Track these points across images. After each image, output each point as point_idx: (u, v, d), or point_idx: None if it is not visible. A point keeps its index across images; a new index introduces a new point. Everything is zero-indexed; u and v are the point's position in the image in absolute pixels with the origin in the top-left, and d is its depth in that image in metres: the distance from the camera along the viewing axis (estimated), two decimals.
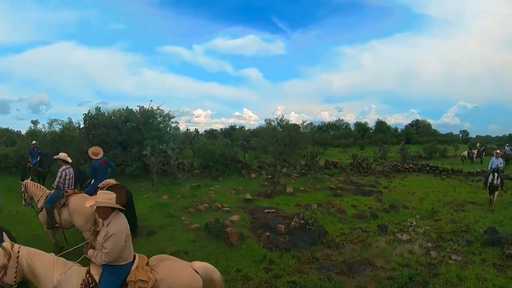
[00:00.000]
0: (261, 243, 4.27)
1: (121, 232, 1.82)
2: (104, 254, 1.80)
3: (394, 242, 4.51)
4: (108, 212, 1.90)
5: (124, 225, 1.89)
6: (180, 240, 4.32)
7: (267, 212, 5.47)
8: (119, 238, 1.80)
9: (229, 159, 8.93)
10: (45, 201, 3.89)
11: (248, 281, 3.22)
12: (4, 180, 9.34)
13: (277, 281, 3.25)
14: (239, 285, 3.13)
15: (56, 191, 3.93)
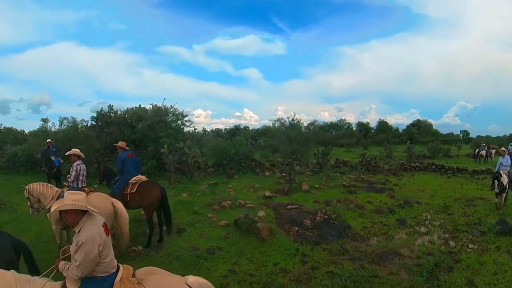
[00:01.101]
0: (291, 238, 4.58)
1: (92, 239, 1.56)
2: (75, 267, 1.56)
3: (414, 234, 4.91)
4: (78, 217, 1.62)
5: (96, 230, 1.61)
6: (211, 236, 4.56)
7: (290, 208, 5.79)
8: (90, 247, 1.54)
9: (243, 157, 9.20)
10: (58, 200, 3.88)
11: (287, 274, 3.49)
12: (14, 179, 9.28)
13: (315, 272, 3.55)
14: (280, 278, 3.37)
15: (71, 189, 3.76)
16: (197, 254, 3.88)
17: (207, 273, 3.39)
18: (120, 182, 4.29)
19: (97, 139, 8.22)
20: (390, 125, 28.32)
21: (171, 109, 8.80)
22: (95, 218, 1.70)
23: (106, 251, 1.65)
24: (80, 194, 1.68)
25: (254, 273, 3.46)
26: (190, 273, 3.30)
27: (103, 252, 1.62)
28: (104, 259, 1.63)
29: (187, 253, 3.90)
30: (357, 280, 3.30)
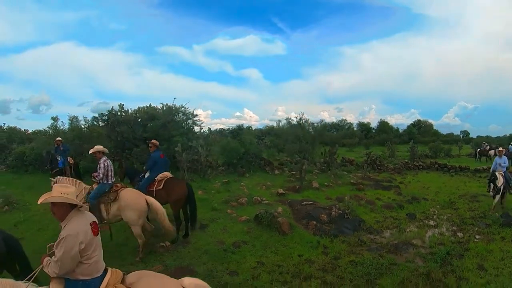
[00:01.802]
0: (310, 231, 4.90)
1: (74, 236, 1.48)
2: (53, 263, 1.50)
3: (424, 227, 5.29)
4: (66, 211, 1.56)
5: (81, 227, 1.53)
6: (234, 231, 4.83)
7: (305, 204, 6.11)
8: (71, 244, 1.46)
9: (253, 156, 9.49)
10: (89, 197, 3.76)
11: (312, 264, 3.78)
12: (23, 178, 9.35)
13: (338, 261, 3.86)
14: (306, 268, 3.65)
15: (101, 186, 3.83)
16: (224, 248, 4.14)
17: (237, 265, 3.67)
18: (147, 179, 4.48)
19: (107, 138, 8.37)
20: (390, 125, 29.08)
21: (182, 109, 9.05)
22: (83, 215, 1.62)
23: (91, 251, 1.55)
24: (69, 187, 1.60)
25: (281, 264, 3.75)
26: (221, 265, 3.64)
27: (86, 252, 1.53)
28: (88, 259, 1.54)
29: (214, 247, 4.15)
30: (378, 267, 3.63)
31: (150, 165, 4.53)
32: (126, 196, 3.77)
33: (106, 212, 3.76)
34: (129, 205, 3.70)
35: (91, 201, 3.73)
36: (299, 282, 3.30)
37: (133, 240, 4.40)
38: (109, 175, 3.88)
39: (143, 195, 3.85)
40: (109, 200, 3.77)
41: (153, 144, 4.67)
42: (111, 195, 3.79)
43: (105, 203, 3.77)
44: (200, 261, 3.70)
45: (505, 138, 24.15)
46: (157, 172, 4.49)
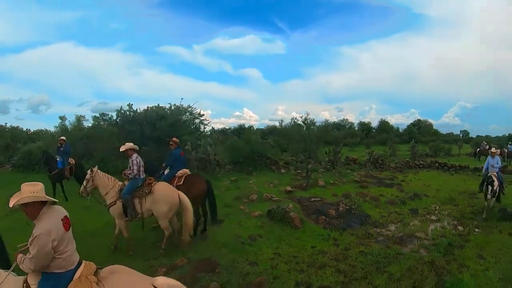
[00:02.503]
0: (320, 225, 5.24)
1: (46, 234, 1.53)
2: (28, 260, 1.56)
3: (426, 221, 5.67)
4: (37, 209, 1.60)
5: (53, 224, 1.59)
6: (248, 226, 5.12)
7: (314, 200, 6.44)
8: (44, 242, 1.52)
9: (259, 155, 9.80)
10: (123, 193, 3.87)
11: (325, 254, 4.10)
12: (29, 177, 9.32)
13: (349, 252, 4.20)
14: (320, 258, 3.97)
15: (134, 181, 3.96)
16: (241, 241, 4.43)
17: (256, 257, 3.96)
18: (167, 175, 4.70)
19: (117, 137, 8.58)
20: (391, 125, 29.58)
21: (189, 109, 9.32)
22: (54, 211, 1.67)
23: (63, 246, 1.61)
24: (37, 185, 1.62)
25: (296, 255, 4.07)
26: (241, 257, 3.93)
27: (59, 248, 1.59)
28: (61, 254, 1.61)
29: (231, 241, 4.42)
30: (386, 256, 3.97)
31: (171, 162, 4.74)
32: (160, 189, 3.93)
33: (140, 205, 3.88)
34: (163, 198, 3.86)
35: (124, 196, 3.86)
36: (314, 270, 3.61)
37: (151, 236, 4.69)
38: (141, 171, 4.05)
39: (176, 190, 4.02)
40: (143, 193, 3.89)
41: (174, 141, 4.88)
42: (146, 189, 3.92)
43: (139, 197, 3.89)
44: (221, 254, 3.97)
45: (505, 138, 24.70)
46: (177, 168, 4.71)
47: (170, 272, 3.43)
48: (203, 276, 3.31)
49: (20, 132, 13.58)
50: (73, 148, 8.69)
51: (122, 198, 3.87)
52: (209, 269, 3.47)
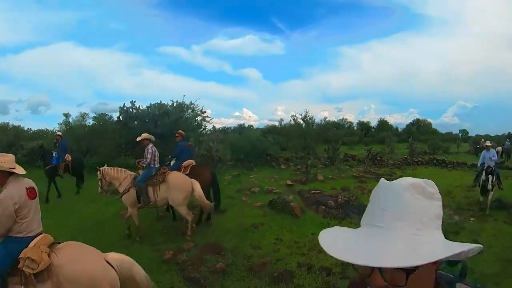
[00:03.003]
0: (320, 214, 5.41)
1: (9, 197, 1.70)
2: None
3: None
4: (5, 177, 1.78)
5: (16, 190, 1.75)
6: (251, 214, 5.31)
7: (313, 192, 6.63)
8: (6, 204, 1.68)
9: (260, 152, 10.00)
10: (137, 181, 4.04)
11: None
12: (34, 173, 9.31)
13: None
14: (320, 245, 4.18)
15: (148, 169, 4.14)
16: (245, 228, 4.61)
17: (259, 242, 4.14)
18: (173, 165, 4.90)
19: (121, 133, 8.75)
20: (390, 124, 29.90)
21: (191, 106, 9.53)
22: (21, 180, 1.82)
23: (25, 212, 1.75)
24: (8, 156, 1.80)
25: (297, 240, 4.23)
26: (244, 242, 4.11)
27: (20, 212, 1.73)
28: (22, 219, 1.74)
29: (235, 228, 4.62)
30: None
31: (177, 153, 4.98)
32: (174, 178, 4.11)
33: (154, 193, 4.03)
34: (177, 186, 4.04)
35: (139, 184, 3.99)
36: (315, 253, 3.78)
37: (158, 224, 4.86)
38: (156, 160, 4.21)
39: (188, 178, 4.22)
40: (157, 182, 4.04)
41: (179, 134, 5.14)
42: (159, 177, 4.08)
43: (153, 186, 4.03)
44: (225, 239, 4.16)
45: (504, 137, 25.00)
46: (182, 159, 4.94)
47: (177, 254, 3.63)
48: (209, 258, 3.50)
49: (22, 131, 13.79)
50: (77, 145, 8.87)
51: (136, 185, 4.02)
52: (215, 252, 3.67)
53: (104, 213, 5.57)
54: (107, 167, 4.26)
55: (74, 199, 6.72)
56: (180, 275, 3.20)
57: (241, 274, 3.22)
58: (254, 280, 3.10)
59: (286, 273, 3.15)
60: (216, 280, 3.10)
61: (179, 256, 3.60)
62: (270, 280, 3.07)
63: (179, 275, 3.21)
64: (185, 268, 3.28)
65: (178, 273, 3.25)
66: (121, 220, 4.96)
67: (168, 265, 3.44)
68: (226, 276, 3.18)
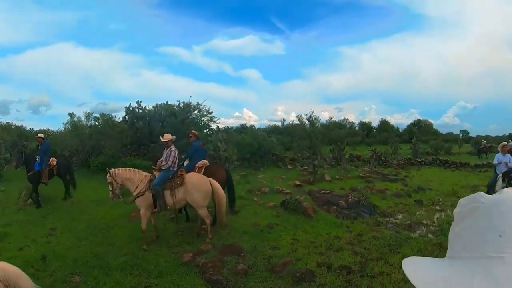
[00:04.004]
0: (332, 214, 5.55)
1: None
2: None
3: (431, 211, 6.03)
4: None
5: None
6: (264, 215, 5.42)
7: (323, 193, 6.77)
8: None
9: (266, 152, 10.12)
10: (153, 184, 3.92)
11: (340, 239, 4.39)
12: None
13: (362, 237, 4.50)
14: (336, 242, 4.26)
15: (166, 172, 4.03)
16: (260, 229, 4.71)
17: (276, 242, 4.24)
18: (187, 166, 4.93)
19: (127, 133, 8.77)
20: (391, 124, 30.26)
21: (198, 106, 9.60)
22: None
23: None
24: None
25: (313, 240, 4.35)
26: (262, 243, 4.20)
27: None
28: None
29: (251, 229, 4.71)
30: (397, 240, 4.30)
31: (192, 153, 5.01)
32: (192, 179, 4.07)
33: (172, 197, 3.95)
34: (196, 187, 4.00)
35: (156, 187, 3.89)
36: (333, 253, 3.91)
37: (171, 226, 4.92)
38: (175, 163, 4.15)
39: (207, 178, 4.21)
40: (175, 185, 3.98)
41: (193, 134, 5.17)
42: (177, 180, 4.01)
43: (170, 189, 3.97)
44: (243, 240, 4.24)
45: (505, 138, 25.48)
46: (197, 159, 4.97)
47: (196, 257, 3.67)
48: (230, 259, 3.57)
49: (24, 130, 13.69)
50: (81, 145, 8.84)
51: (152, 189, 3.90)
52: (234, 254, 3.72)
53: (113, 215, 5.57)
54: (117, 169, 4.10)
55: (82, 201, 6.72)
56: (201, 277, 3.23)
57: (263, 275, 3.29)
58: (277, 281, 3.16)
59: (308, 272, 3.25)
60: (238, 281, 3.13)
61: (198, 258, 3.62)
62: (293, 280, 3.14)
63: (200, 277, 3.24)
64: (206, 271, 3.29)
65: (199, 275, 3.28)
66: (130, 222, 5.02)
67: (188, 267, 3.47)
68: (248, 278, 3.23)
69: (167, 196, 3.99)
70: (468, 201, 0.44)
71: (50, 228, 4.97)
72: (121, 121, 9.28)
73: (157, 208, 4.03)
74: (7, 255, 3.78)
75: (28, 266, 3.45)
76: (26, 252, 3.96)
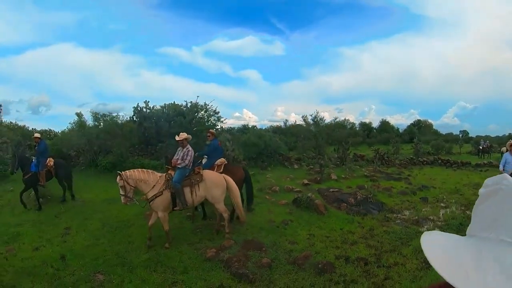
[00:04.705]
0: (343, 211, 5.84)
1: None
2: None
3: (437, 207, 6.37)
4: None
5: None
6: (278, 212, 5.67)
7: (332, 191, 7.06)
8: None
9: (272, 151, 10.38)
10: (173, 182, 3.97)
11: (353, 234, 4.66)
12: None
13: (374, 231, 4.78)
14: (350, 236, 4.54)
15: (183, 170, 4.11)
16: (276, 225, 4.95)
17: (293, 237, 4.48)
18: (205, 164, 5.06)
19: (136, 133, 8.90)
20: (392, 125, 30.83)
21: (205, 106, 9.80)
22: None
23: None
24: None
25: (328, 235, 4.61)
26: (280, 238, 4.44)
27: None
28: None
29: (267, 225, 4.94)
30: (407, 234, 4.59)
31: (210, 151, 5.17)
32: (209, 176, 4.25)
33: (192, 194, 4.05)
34: (215, 183, 4.17)
35: (176, 185, 3.95)
36: (348, 246, 4.18)
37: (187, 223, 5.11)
38: (191, 162, 4.27)
39: (221, 175, 4.43)
40: (195, 182, 4.10)
41: (211, 133, 5.34)
42: (197, 177, 4.14)
43: (190, 186, 4.06)
44: (261, 235, 4.46)
45: (505, 138, 26.01)
46: (215, 158, 5.14)
47: (220, 252, 3.81)
48: (253, 253, 3.75)
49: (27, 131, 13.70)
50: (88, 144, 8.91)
51: (172, 187, 3.97)
52: (256, 248, 3.91)
53: (127, 213, 5.66)
54: (129, 170, 3.97)
55: (93, 201, 6.85)
56: (227, 271, 3.36)
57: (286, 268, 3.49)
58: (300, 273, 3.37)
59: (328, 264, 3.50)
60: (264, 274, 3.28)
61: (222, 253, 3.73)
62: (315, 271, 3.36)
63: (225, 272, 3.36)
64: (232, 265, 3.42)
65: (224, 270, 3.40)
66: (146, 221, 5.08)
67: (212, 263, 3.59)
68: (272, 270, 3.38)
69: (187, 193, 4.09)
70: (493, 182, 0.43)
71: (64, 228, 5.04)
72: (129, 120, 9.41)
73: (178, 206, 4.11)
74: (23, 256, 3.83)
75: (47, 266, 3.53)
76: (42, 252, 3.98)
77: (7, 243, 4.32)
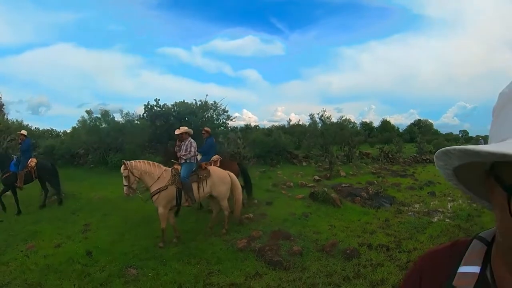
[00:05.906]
0: (358, 204, 6.24)
1: None
2: None
3: (444, 201, 6.85)
4: None
5: None
6: (296, 206, 6.03)
7: (344, 186, 7.47)
8: None
9: (281, 149, 10.75)
10: (182, 177, 3.94)
11: (371, 224, 5.04)
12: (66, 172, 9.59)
13: (389, 222, 5.19)
14: (368, 226, 4.90)
15: (189, 165, 4.07)
16: (298, 217, 5.29)
17: (315, 227, 4.83)
18: (202, 160, 4.98)
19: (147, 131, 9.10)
20: (392, 124, 31.74)
21: (215, 105, 10.09)
22: None
23: None
24: None
25: (348, 226, 4.98)
26: (304, 228, 4.76)
27: None
28: None
29: (289, 217, 5.27)
30: (421, 224, 5.02)
31: (207, 149, 5.33)
32: (216, 172, 4.34)
33: (199, 189, 4.07)
34: (222, 179, 4.28)
35: (185, 180, 3.93)
36: (368, 235, 4.56)
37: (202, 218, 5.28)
38: (196, 152, 4.27)
39: (226, 172, 4.56)
40: (203, 177, 4.15)
41: (206, 131, 5.57)
42: (204, 172, 4.18)
43: (198, 181, 4.09)
44: (286, 226, 4.79)
45: None
46: (211, 155, 5.33)
47: (251, 242, 4.04)
48: (283, 242, 4.05)
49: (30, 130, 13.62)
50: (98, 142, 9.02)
51: (179, 182, 3.91)
52: (285, 238, 4.21)
53: (149, 210, 5.64)
54: (135, 161, 3.96)
55: (109, 198, 7.00)
56: (260, 260, 3.55)
57: (315, 255, 3.79)
58: (329, 259, 3.68)
59: (355, 250, 3.86)
60: (296, 261, 3.53)
61: (253, 243, 3.95)
62: (343, 257, 3.68)
63: (259, 260, 3.55)
64: (265, 254, 3.61)
65: (257, 259, 3.59)
66: None
67: (244, 253, 3.77)
68: (303, 258, 3.64)
69: (194, 189, 4.05)
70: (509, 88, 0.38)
71: (83, 224, 5.13)
72: (141, 118, 9.58)
73: (188, 202, 4.08)
74: (44, 253, 3.88)
75: (74, 263, 3.56)
76: (65, 249, 4.01)
77: (26, 240, 4.32)
